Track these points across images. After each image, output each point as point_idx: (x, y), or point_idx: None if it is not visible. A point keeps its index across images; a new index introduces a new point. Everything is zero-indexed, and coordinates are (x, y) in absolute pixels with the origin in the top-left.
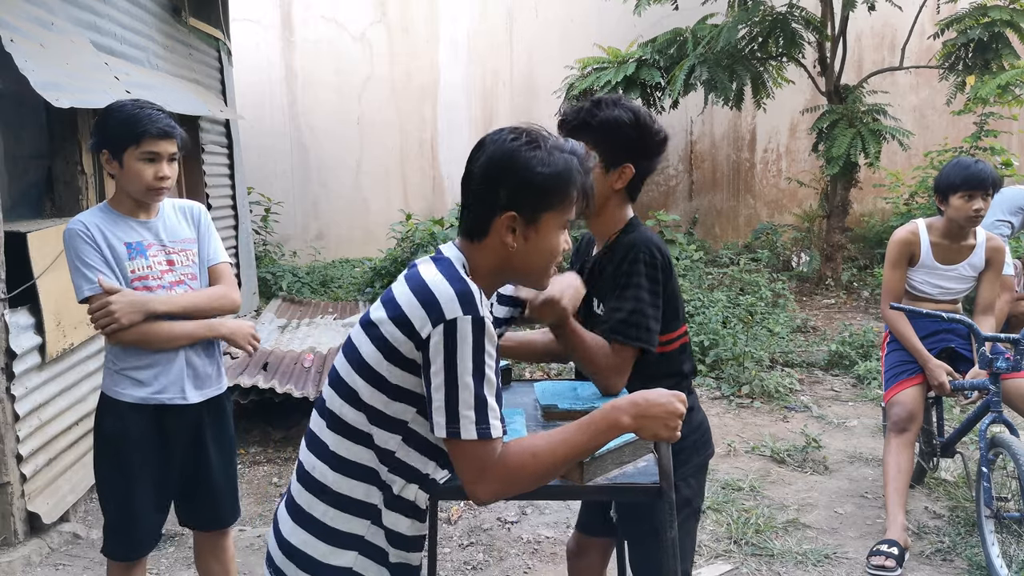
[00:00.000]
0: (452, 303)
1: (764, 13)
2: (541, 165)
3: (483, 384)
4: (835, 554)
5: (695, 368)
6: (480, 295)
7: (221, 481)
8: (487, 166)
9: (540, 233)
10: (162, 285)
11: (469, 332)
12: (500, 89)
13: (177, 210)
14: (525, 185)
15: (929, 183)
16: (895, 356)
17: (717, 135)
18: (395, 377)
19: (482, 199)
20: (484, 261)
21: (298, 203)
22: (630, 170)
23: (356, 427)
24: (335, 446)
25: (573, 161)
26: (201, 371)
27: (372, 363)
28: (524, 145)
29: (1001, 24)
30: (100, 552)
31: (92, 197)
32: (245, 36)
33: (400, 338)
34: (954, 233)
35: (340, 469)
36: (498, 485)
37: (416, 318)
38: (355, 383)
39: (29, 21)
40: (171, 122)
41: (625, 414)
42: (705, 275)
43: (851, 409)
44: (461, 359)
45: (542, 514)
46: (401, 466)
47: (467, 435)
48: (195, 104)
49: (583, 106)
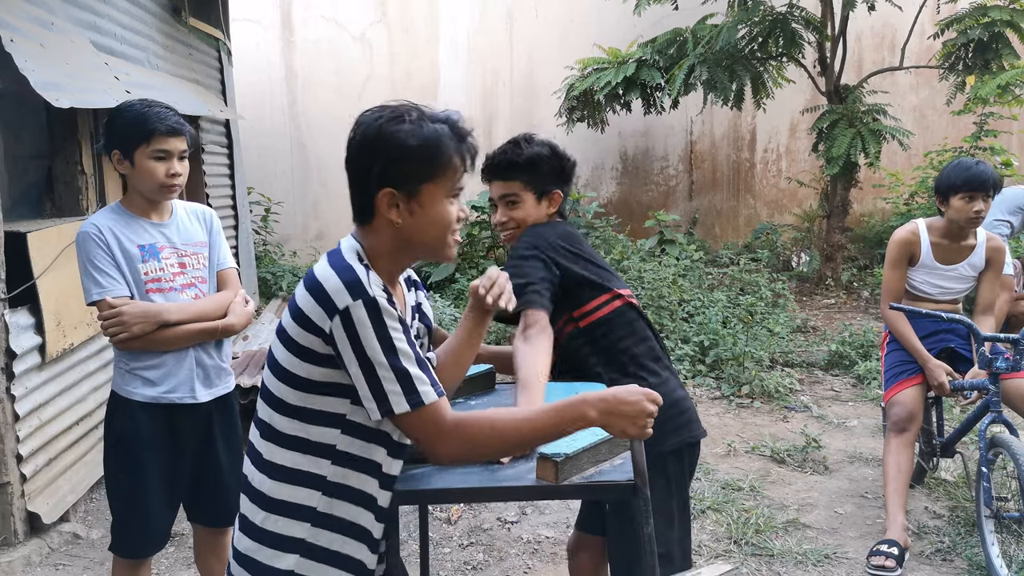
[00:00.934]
0: (340, 293)
1: (764, 13)
2: (408, 137)
3: (397, 358)
4: (835, 554)
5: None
6: (368, 276)
7: (231, 478)
8: (357, 147)
9: (424, 205)
10: (174, 288)
11: (364, 315)
12: (500, 89)
13: (189, 213)
14: (394, 160)
15: (929, 183)
16: (895, 356)
17: (717, 135)
18: (315, 375)
19: (359, 181)
20: (379, 243)
21: (298, 203)
22: (559, 195)
23: (288, 434)
24: (269, 455)
25: (443, 129)
26: (211, 370)
27: (291, 368)
28: (388, 120)
29: (1001, 24)
30: (108, 549)
31: (92, 197)
32: (245, 36)
33: (310, 338)
34: (954, 233)
35: (275, 476)
36: (456, 448)
37: (314, 315)
38: (280, 391)
39: (29, 21)
40: (180, 120)
41: (593, 408)
42: (705, 275)
43: (851, 409)
44: (367, 343)
45: (542, 514)
46: (345, 457)
47: (400, 409)
48: (195, 104)
49: (505, 148)
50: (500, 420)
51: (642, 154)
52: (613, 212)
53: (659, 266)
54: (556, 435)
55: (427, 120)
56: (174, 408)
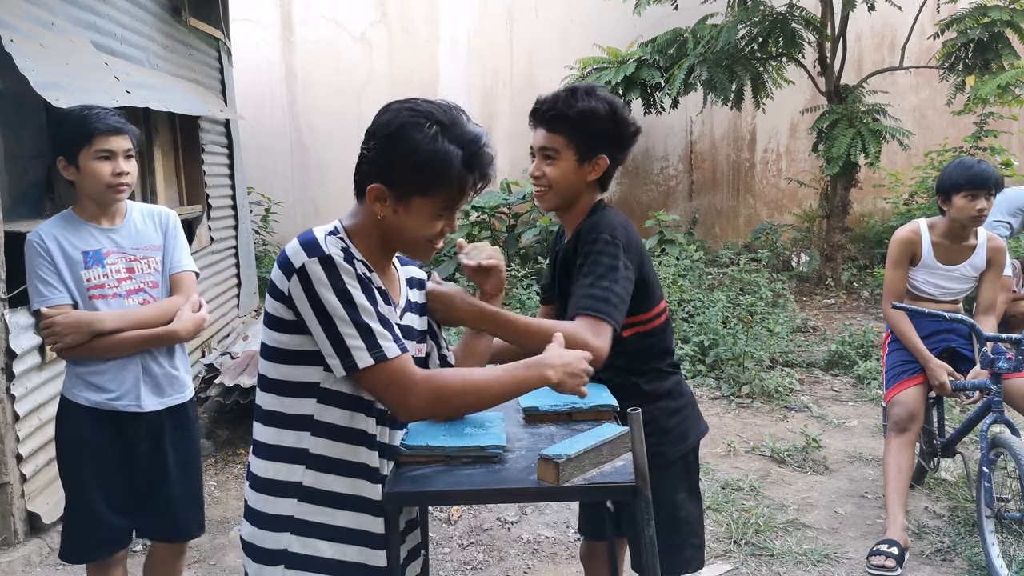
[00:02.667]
0: (297, 253)
1: (764, 13)
2: (417, 149)
3: (358, 312)
4: (835, 554)
5: (673, 348)
6: (326, 239)
7: (178, 492)
8: (376, 131)
9: (409, 213)
10: (118, 294)
11: (320, 271)
12: (500, 89)
13: (145, 216)
14: (398, 163)
15: (929, 183)
16: (896, 356)
17: (717, 135)
18: (285, 342)
19: (364, 161)
20: (360, 224)
21: (298, 203)
22: (604, 161)
23: (269, 410)
24: (258, 434)
25: (456, 153)
26: (161, 378)
27: (268, 341)
28: (413, 122)
29: (1001, 24)
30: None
31: None
32: (245, 36)
33: (276, 305)
34: (956, 233)
35: (260, 454)
36: (426, 400)
37: (278, 281)
38: (264, 369)
39: (29, 21)
40: (121, 119)
41: (550, 368)
42: (705, 275)
43: (851, 409)
44: (324, 299)
45: (542, 514)
46: (323, 427)
47: (364, 363)
48: (195, 104)
49: (559, 95)
50: (471, 372)
51: (642, 154)
52: None
53: (659, 266)
54: (519, 391)
55: (445, 138)
56: (119, 415)
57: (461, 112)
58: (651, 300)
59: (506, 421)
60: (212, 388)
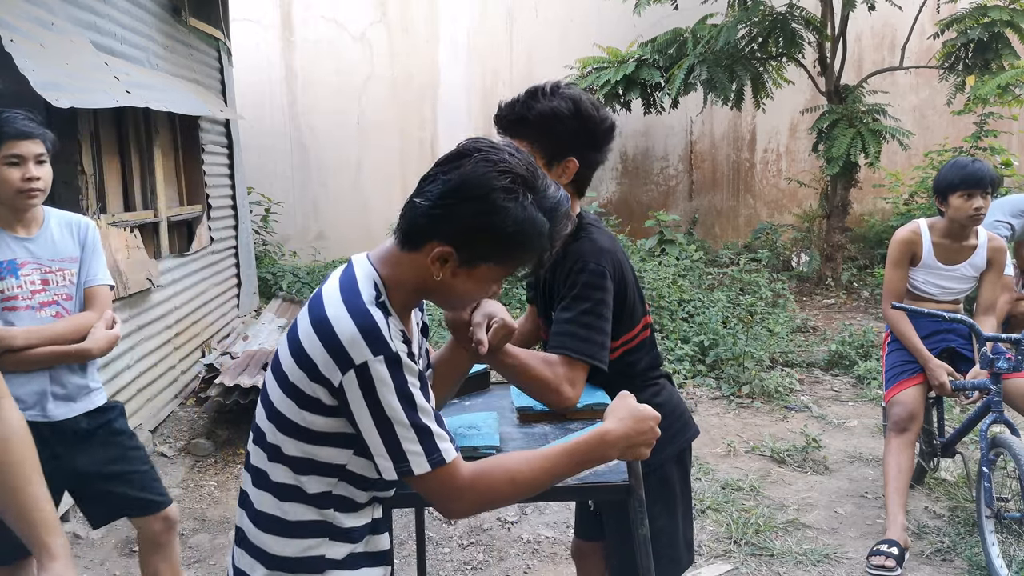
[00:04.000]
0: (356, 344)
1: (764, 13)
2: (509, 221)
3: (417, 414)
4: (835, 554)
5: (659, 359)
6: (386, 324)
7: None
8: (455, 187)
9: (471, 278)
10: (31, 306)
11: (385, 373)
12: (500, 89)
13: (63, 226)
14: (480, 232)
15: (929, 183)
16: (896, 356)
17: (717, 135)
18: (320, 425)
19: (430, 215)
20: (405, 274)
21: (298, 203)
22: (574, 164)
23: (283, 482)
24: (262, 505)
25: (545, 228)
26: (72, 389)
27: (290, 416)
28: (503, 189)
29: (1001, 24)
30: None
31: (92, 197)
32: (245, 36)
33: (314, 387)
34: (955, 233)
35: (273, 531)
36: (470, 506)
37: (321, 362)
38: (275, 438)
39: (29, 21)
40: (31, 123)
41: (614, 448)
42: (705, 275)
43: (851, 409)
44: (385, 401)
45: (542, 514)
46: (341, 501)
47: (420, 469)
48: (195, 104)
49: (519, 97)
50: (519, 471)
51: (642, 154)
52: (613, 212)
53: (659, 266)
54: (572, 475)
55: (537, 208)
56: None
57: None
58: (635, 318)
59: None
60: (212, 388)
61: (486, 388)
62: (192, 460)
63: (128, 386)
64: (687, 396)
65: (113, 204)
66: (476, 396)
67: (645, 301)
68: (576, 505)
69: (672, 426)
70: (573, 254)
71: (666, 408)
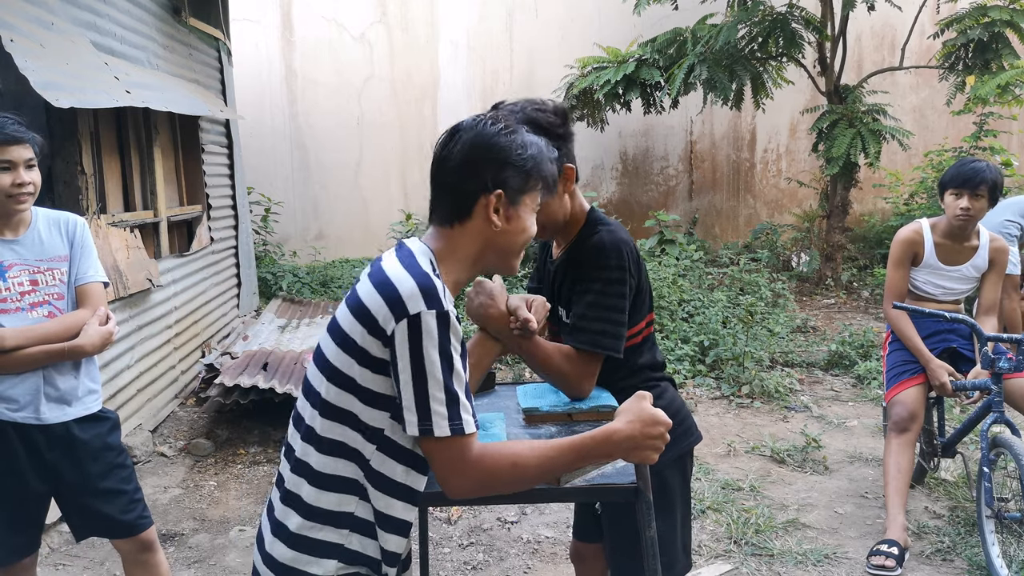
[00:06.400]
0: (415, 297)
1: (764, 13)
2: (521, 148)
3: (452, 378)
4: (835, 554)
5: (663, 362)
6: (443, 289)
7: (106, 497)
8: (469, 151)
9: (520, 214)
10: (21, 307)
11: (434, 327)
12: (500, 89)
13: (51, 225)
14: (510, 167)
15: (929, 183)
16: (897, 356)
17: (717, 135)
18: (367, 380)
19: (465, 182)
20: (464, 246)
21: (298, 203)
22: (571, 171)
23: (328, 437)
24: (305, 456)
25: (543, 146)
26: (66, 391)
27: (343, 368)
28: (504, 131)
29: (1001, 24)
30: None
31: (92, 197)
32: (245, 36)
33: (367, 338)
34: (956, 233)
35: (314, 482)
36: (472, 484)
37: (380, 315)
38: (327, 392)
39: (29, 21)
40: (19, 128)
41: (618, 448)
42: (705, 275)
43: (851, 409)
44: (428, 355)
45: (542, 514)
46: (376, 477)
47: (440, 432)
48: (195, 104)
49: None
50: (523, 456)
51: (642, 154)
52: (613, 212)
53: (659, 266)
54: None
55: (530, 136)
56: (20, 427)
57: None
58: (642, 312)
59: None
60: (212, 388)
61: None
62: (192, 460)
63: (128, 386)
64: (687, 396)
65: (113, 204)
66: (482, 396)
67: (652, 297)
68: (575, 507)
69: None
70: (593, 247)
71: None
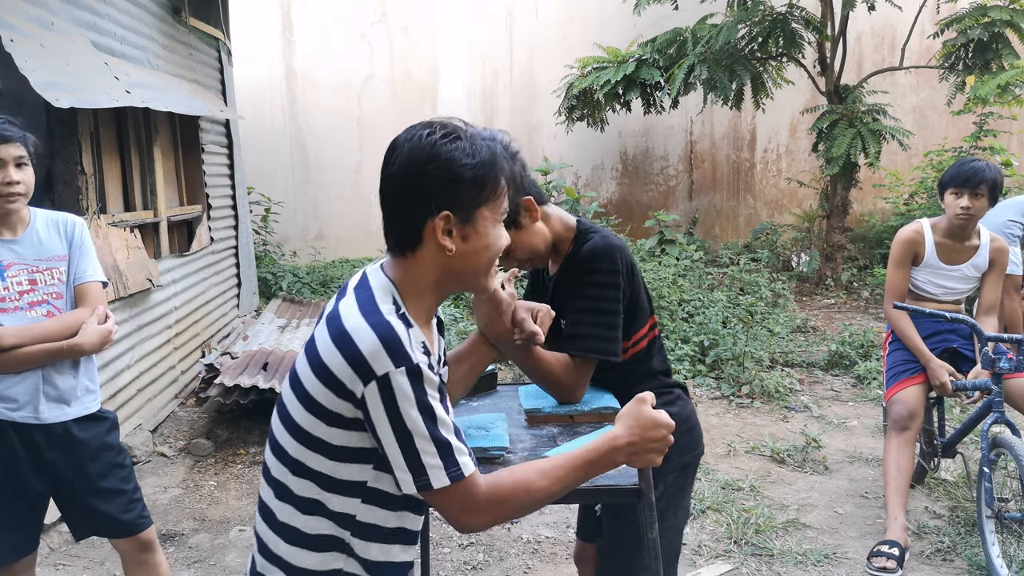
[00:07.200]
0: (379, 355)
1: (764, 13)
2: (466, 157)
3: (437, 427)
4: (835, 554)
5: (668, 363)
6: (408, 335)
7: (105, 496)
8: (407, 168)
9: (479, 232)
10: (20, 307)
11: (407, 385)
12: (500, 89)
13: (50, 225)
14: (453, 181)
15: (929, 183)
16: (897, 355)
17: (717, 135)
18: (338, 439)
19: (407, 206)
20: (421, 275)
21: (298, 203)
22: (530, 202)
23: (306, 497)
24: (286, 518)
25: (497, 147)
26: (65, 391)
27: (310, 429)
28: (442, 139)
29: (1001, 24)
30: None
31: (92, 197)
32: (245, 36)
33: (336, 401)
34: (957, 233)
35: (295, 542)
36: (486, 519)
37: (345, 377)
38: (295, 451)
39: (29, 21)
40: (10, 127)
41: (620, 454)
42: (705, 275)
43: (851, 409)
44: (406, 413)
45: (542, 514)
46: (365, 528)
47: (439, 484)
48: (195, 104)
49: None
50: (532, 482)
51: (642, 154)
52: (613, 212)
53: (659, 266)
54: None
55: (479, 138)
56: (20, 426)
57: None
58: (644, 317)
59: (508, 422)
60: (212, 388)
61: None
62: (192, 460)
63: (128, 386)
64: None
65: (113, 204)
66: (484, 397)
67: (652, 301)
68: (579, 507)
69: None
70: (586, 253)
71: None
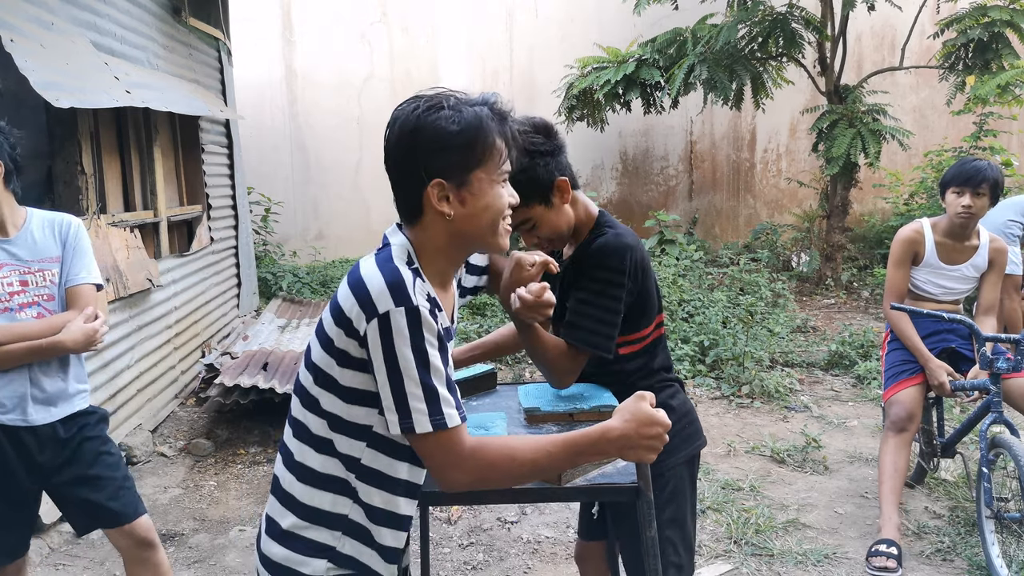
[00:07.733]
0: (383, 295)
1: (764, 13)
2: (450, 123)
3: (429, 374)
4: (835, 554)
5: (671, 364)
6: (415, 283)
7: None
8: (397, 142)
9: (475, 194)
10: (9, 308)
11: (404, 324)
12: (500, 89)
13: (45, 226)
14: (440, 148)
15: (929, 183)
16: (896, 355)
17: (717, 135)
18: (347, 379)
19: (404, 177)
20: (429, 240)
21: (298, 203)
22: (564, 183)
23: (321, 436)
24: (300, 456)
25: (483, 111)
26: (53, 393)
27: (324, 367)
28: (425, 110)
29: (1001, 24)
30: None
31: (92, 197)
32: (245, 36)
33: (345, 339)
34: (957, 232)
35: (306, 480)
36: (467, 477)
37: (353, 315)
38: (314, 391)
39: (29, 21)
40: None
41: (612, 445)
42: (705, 275)
43: (851, 409)
44: (400, 353)
45: (542, 514)
46: (369, 473)
47: (421, 428)
48: (195, 104)
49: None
50: (519, 450)
51: (642, 154)
52: (613, 212)
53: (659, 266)
54: (573, 466)
55: (465, 104)
56: (9, 429)
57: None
58: (652, 314)
59: (508, 421)
60: (212, 388)
61: (493, 388)
62: (192, 460)
63: (128, 386)
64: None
65: (113, 204)
66: (483, 396)
67: (662, 299)
68: (580, 507)
69: (685, 430)
70: (596, 247)
71: (680, 411)
